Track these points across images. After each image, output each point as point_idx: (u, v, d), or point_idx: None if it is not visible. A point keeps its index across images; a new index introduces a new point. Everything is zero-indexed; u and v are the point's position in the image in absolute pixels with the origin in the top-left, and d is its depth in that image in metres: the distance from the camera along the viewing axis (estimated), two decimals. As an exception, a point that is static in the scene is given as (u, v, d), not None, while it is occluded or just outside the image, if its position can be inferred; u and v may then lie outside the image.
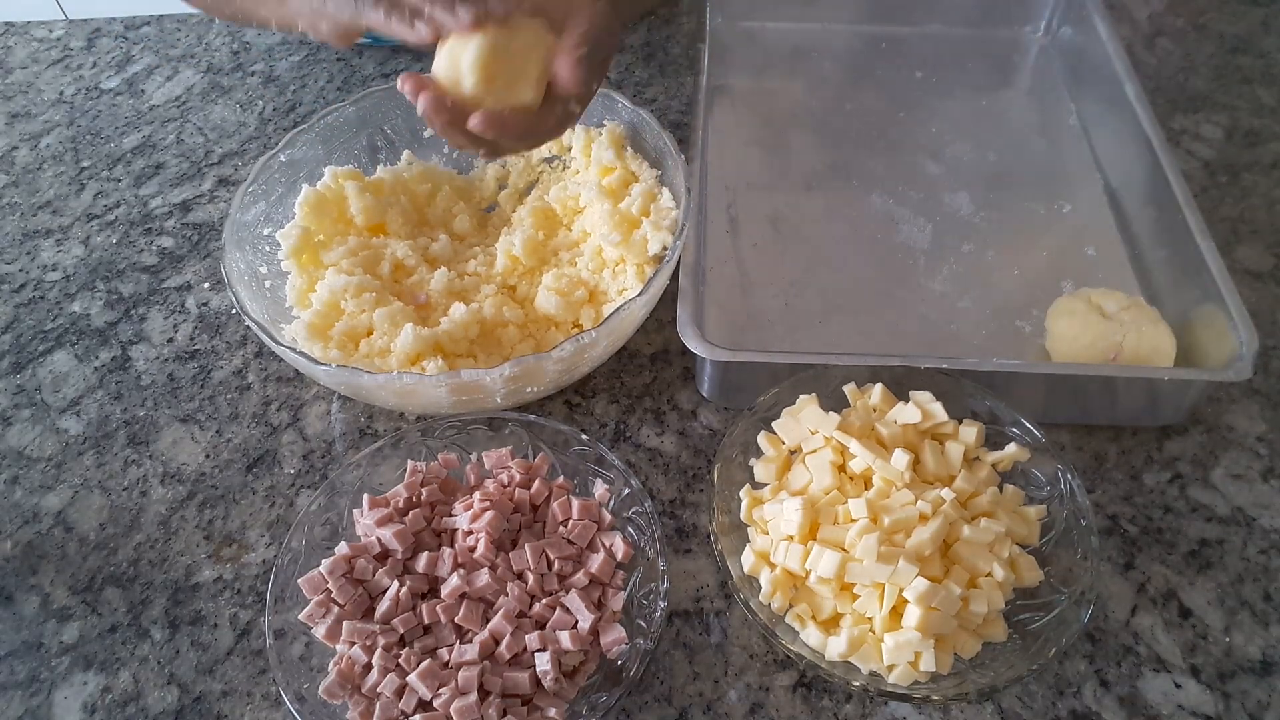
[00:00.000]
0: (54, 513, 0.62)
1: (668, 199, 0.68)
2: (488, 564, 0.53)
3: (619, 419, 0.66)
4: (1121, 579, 0.57)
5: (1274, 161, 0.83)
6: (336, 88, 0.94)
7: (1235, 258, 0.75)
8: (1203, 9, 1.00)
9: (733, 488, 0.57)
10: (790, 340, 0.70)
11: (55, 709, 0.54)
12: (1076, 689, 0.53)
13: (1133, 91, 0.79)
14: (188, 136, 0.89)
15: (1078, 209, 0.79)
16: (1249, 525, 0.60)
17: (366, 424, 0.66)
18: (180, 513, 0.62)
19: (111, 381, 0.70)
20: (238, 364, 0.70)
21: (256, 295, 0.65)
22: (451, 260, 0.71)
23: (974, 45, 0.96)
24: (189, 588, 0.58)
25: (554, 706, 0.49)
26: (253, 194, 0.69)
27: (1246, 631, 0.55)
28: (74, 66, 0.98)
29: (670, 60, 0.95)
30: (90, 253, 0.79)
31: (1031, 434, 0.56)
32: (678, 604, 0.57)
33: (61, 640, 0.56)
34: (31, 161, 0.88)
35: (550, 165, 0.78)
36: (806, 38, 0.97)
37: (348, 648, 0.51)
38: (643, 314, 0.63)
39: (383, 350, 0.63)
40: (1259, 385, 0.67)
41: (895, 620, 0.50)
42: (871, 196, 0.80)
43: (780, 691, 0.53)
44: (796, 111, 0.89)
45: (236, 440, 0.66)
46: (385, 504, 0.56)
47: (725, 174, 0.82)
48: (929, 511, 0.52)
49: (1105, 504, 0.61)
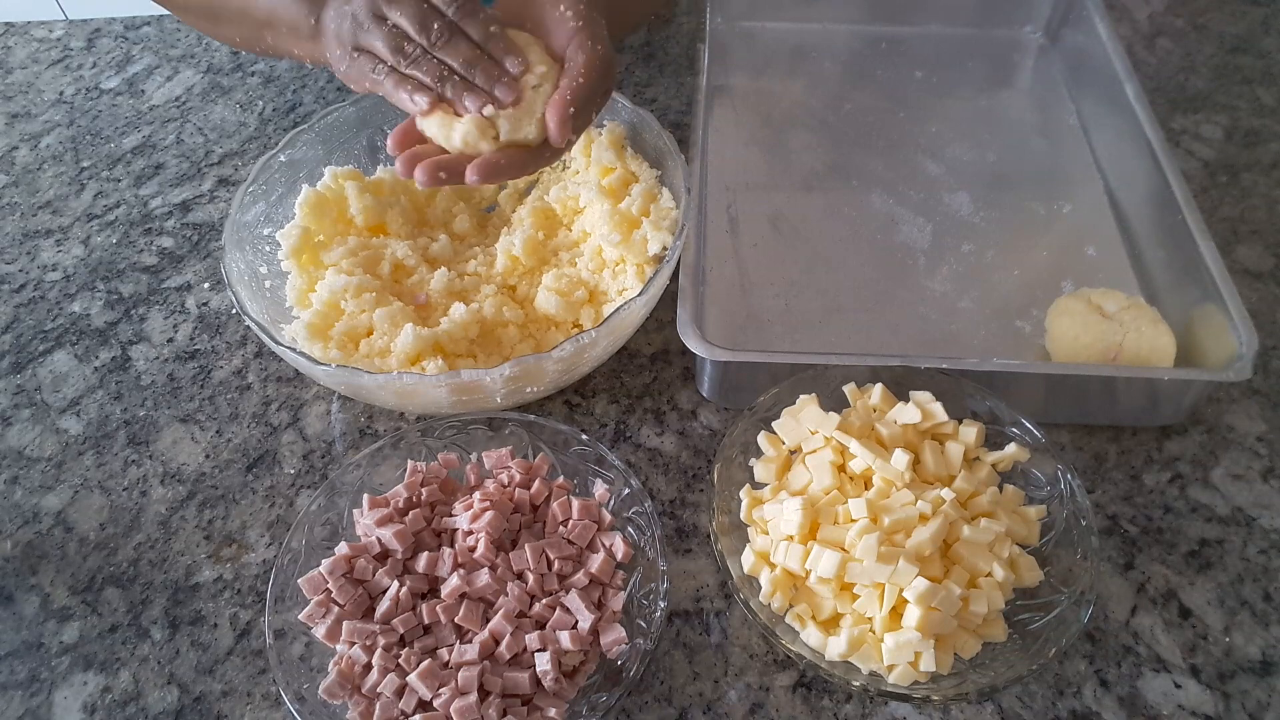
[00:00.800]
0: (54, 513, 0.62)
1: (668, 199, 0.68)
2: (488, 564, 0.53)
3: (619, 419, 0.66)
4: (1121, 579, 0.57)
5: (1274, 161, 0.83)
6: (336, 88, 0.94)
7: (1235, 258, 0.75)
8: (1203, 9, 1.00)
9: (733, 488, 0.57)
10: (790, 340, 0.70)
11: (55, 709, 0.54)
12: (1076, 689, 0.53)
13: (1133, 92, 0.79)
14: (188, 136, 0.89)
15: (1078, 209, 0.79)
16: (1249, 525, 0.60)
17: (366, 424, 0.66)
18: (180, 513, 0.62)
19: (111, 381, 0.70)
20: (238, 364, 0.70)
21: (256, 295, 0.65)
22: (451, 260, 0.71)
23: (974, 45, 0.96)
24: (189, 588, 0.58)
25: (554, 706, 0.49)
26: (253, 194, 0.69)
27: (1246, 631, 0.55)
28: (74, 66, 0.98)
29: (670, 60, 0.95)
30: (90, 253, 0.79)
31: (1031, 434, 0.56)
32: (678, 604, 0.57)
33: (61, 640, 0.56)
34: (31, 161, 0.88)
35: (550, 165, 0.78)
36: (806, 38, 0.97)
37: (348, 648, 0.51)
38: (643, 314, 0.63)
39: (383, 350, 0.63)
40: (1259, 385, 0.67)
41: (895, 620, 0.50)
42: (871, 196, 0.81)
43: (780, 691, 0.53)
44: (796, 111, 0.89)
45: (236, 440, 0.66)
46: (385, 504, 0.56)
47: (725, 174, 0.82)
48: (929, 511, 0.52)
49: (1105, 504, 0.61)
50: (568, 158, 0.77)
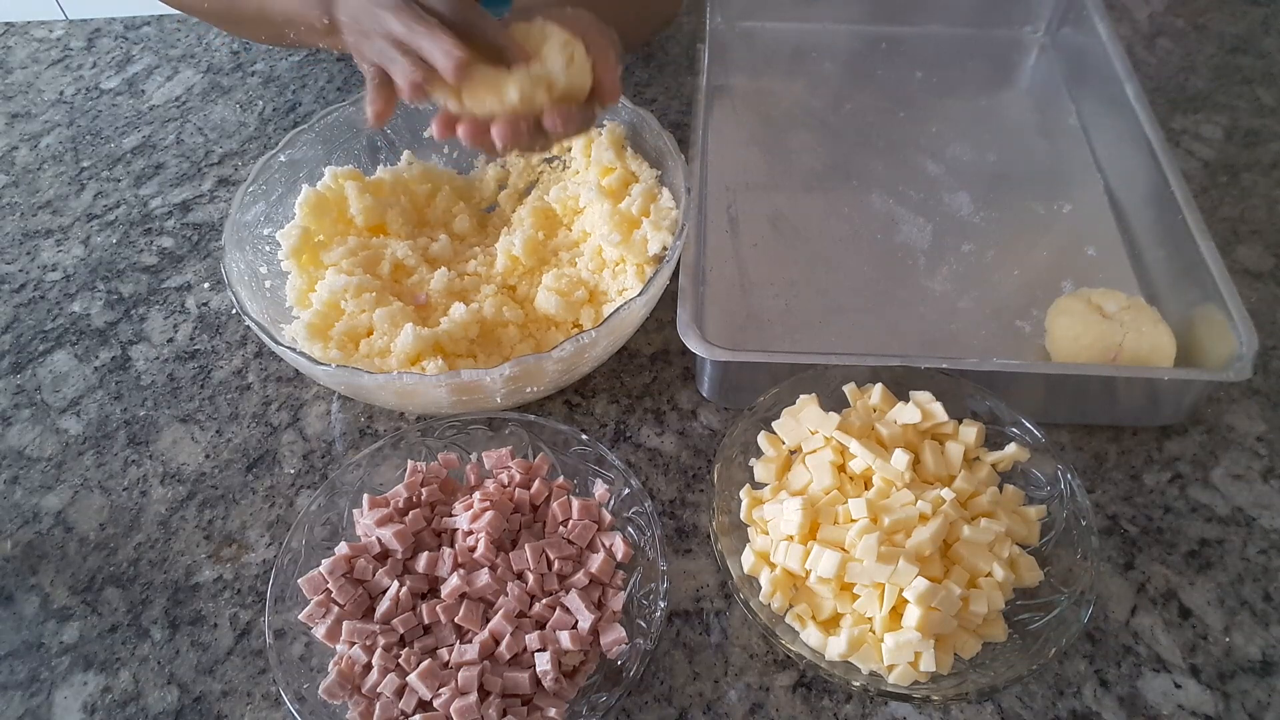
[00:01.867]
0: (54, 513, 0.62)
1: (668, 199, 0.68)
2: (488, 564, 0.53)
3: (619, 419, 0.66)
4: (1121, 579, 0.57)
5: (1274, 161, 0.83)
6: (336, 88, 0.94)
7: (1235, 258, 0.75)
8: (1203, 9, 1.00)
9: (733, 488, 0.57)
10: (790, 340, 0.70)
11: (55, 709, 0.54)
12: (1076, 689, 0.53)
13: (1133, 91, 0.79)
14: (188, 136, 0.89)
15: (1078, 209, 0.79)
16: (1249, 525, 0.60)
17: (366, 424, 0.66)
18: (180, 513, 0.62)
19: (111, 381, 0.70)
20: (238, 364, 0.70)
21: (256, 295, 0.65)
22: (451, 260, 0.71)
23: (974, 45, 0.96)
24: (189, 588, 0.58)
25: (554, 706, 0.49)
26: (253, 194, 0.69)
27: (1246, 631, 0.55)
28: (74, 66, 0.98)
29: (670, 60, 0.95)
30: (90, 253, 0.79)
31: (1031, 434, 0.56)
32: (678, 604, 0.57)
33: (61, 640, 0.56)
34: (31, 161, 0.88)
35: (550, 165, 0.78)
36: (806, 38, 0.97)
37: (348, 648, 0.51)
38: (643, 314, 0.63)
39: (383, 350, 0.63)
40: (1259, 385, 0.67)
41: (895, 620, 0.50)
42: (871, 196, 0.80)
43: (780, 691, 0.53)
44: (796, 111, 0.89)
45: (236, 440, 0.66)
46: (385, 504, 0.56)
47: (725, 174, 0.82)
48: (929, 511, 0.52)
49: (1105, 504, 0.61)
50: (568, 158, 0.77)
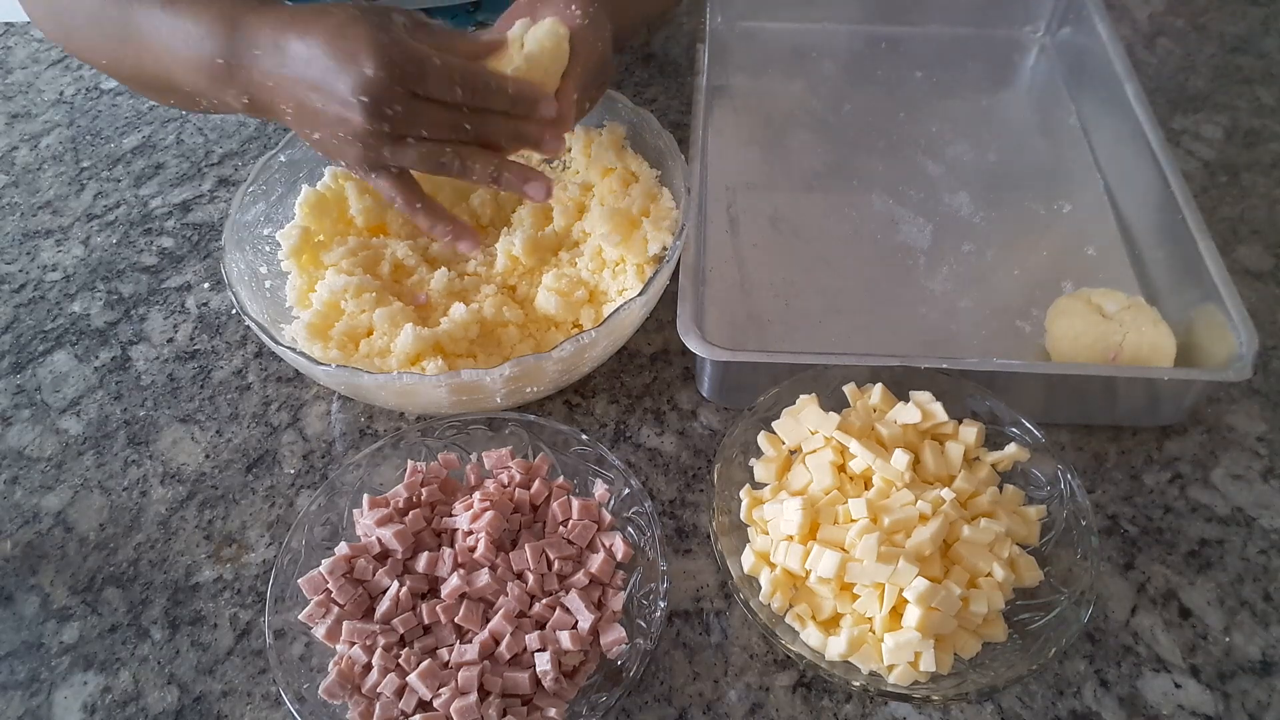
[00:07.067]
0: (54, 513, 0.62)
1: (668, 199, 0.68)
2: (488, 564, 0.53)
3: (619, 419, 0.66)
4: (1121, 579, 0.57)
5: (1274, 161, 0.83)
6: (336, 88, 0.94)
7: (1235, 258, 0.75)
8: (1203, 9, 1.00)
9: (733, 488, 0.57)
10: (790, 340, 0.70)
11: (55, 709, 0.54)
12: (1076, 689, 0.53)
13: (1133, 91, 0.79)
14: (188, 137, 0.89)
15: (1078, 209, 0.79)
16: (1249, 525, 0.60)
17: (366, 424, 0.66)
18: (180, 513, 0.62)
19: (111, 381, 0.70)
20: (238, 364, 0.70)
21: (256, 295, 0.65)
22: (451, 260, 0.71)
23: (974, 45, 0.96)
24: (189, 588, 0.58)
25: (554, 706, 0.49)
26: (253, 194, 0.69)
27: (1246, 631, 0.55)
28: (74, 66, 0.98)
29: (670, 60, 0.95)
30: (90, 253, 0.79)
31: (1031, 434, 0.56)
32: (678, 604, 0.57)
33: (61, 640, 0.56)
34: (31, 161, 0.88)
35: (550, 165, 0.78)
36: (806, 38, 0.97)
37: (348, 648, 0.51)
38: (643, 314, 0.63)
39: (383, 350, 0.63)
40: (1259, 385, 0.67)
41: (895, 620, 0.50)
42: (871, 196, 0.80)
43: (780, 691, 0.53)
44: (796, 111, 0.89)
45: (236, 440, 0.66)
46: (385, 504, 0.56)
47: (725, 174, 0.82)
48: (929, 511, 0.52)
49: (1105, 504, 0.61)
50: (568, 158, 0.77)
